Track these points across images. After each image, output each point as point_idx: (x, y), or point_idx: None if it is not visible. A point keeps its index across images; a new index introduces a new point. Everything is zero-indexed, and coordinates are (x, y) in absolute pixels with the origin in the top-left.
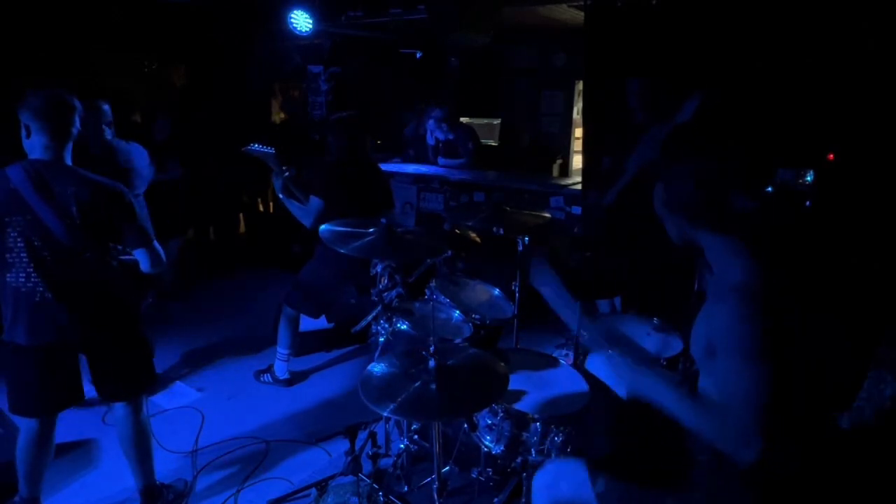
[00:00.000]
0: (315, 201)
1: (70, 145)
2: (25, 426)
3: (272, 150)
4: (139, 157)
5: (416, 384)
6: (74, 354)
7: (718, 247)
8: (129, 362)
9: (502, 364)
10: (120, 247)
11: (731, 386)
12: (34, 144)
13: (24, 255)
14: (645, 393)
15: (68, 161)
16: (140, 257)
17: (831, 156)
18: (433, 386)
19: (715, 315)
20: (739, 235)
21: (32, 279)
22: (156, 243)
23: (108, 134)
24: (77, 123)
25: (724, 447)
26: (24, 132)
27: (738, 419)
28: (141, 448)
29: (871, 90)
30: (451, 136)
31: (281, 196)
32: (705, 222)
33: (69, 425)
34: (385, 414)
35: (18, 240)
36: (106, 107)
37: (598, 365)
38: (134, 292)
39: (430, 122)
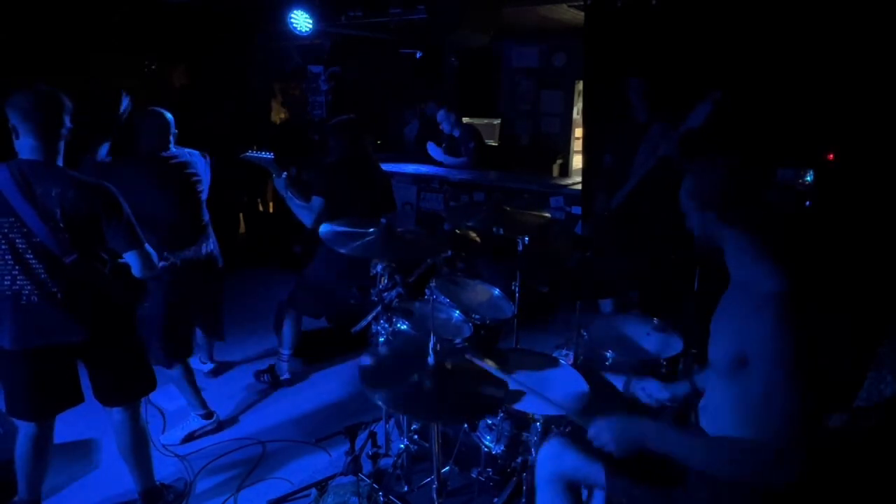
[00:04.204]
0: (317, 200)
1: (61, 145)
2: (23, 429)
3: (271, 156)
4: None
5: (415, 379)
6: (70, 358)
7: (745, 249)
8: (125, 367)
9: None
10: (106, 253)
11: (775, 402)
12: (22, 145)
13: (9, 257)
14: (673, 452)
15: (59, 162)
16: (130, 260)
17: (831, 156)
18: (433, 386)
19: (749, 325)
20: (767, 236)
21: (18, 282)
22: (147, 246)
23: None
24: (67, 123)
25: (764, 478)
26: (12, 133)
27: (781, 439)
28: (139, 452)
29: (872, 90)
30: (456, 132)
31: (283, 193)
32: (735, 219)
33: (69, 425)
34: (381, 404)
35: (2, 242)
36: (169, 115)
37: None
38: (128, 296)
39: (440, 113)
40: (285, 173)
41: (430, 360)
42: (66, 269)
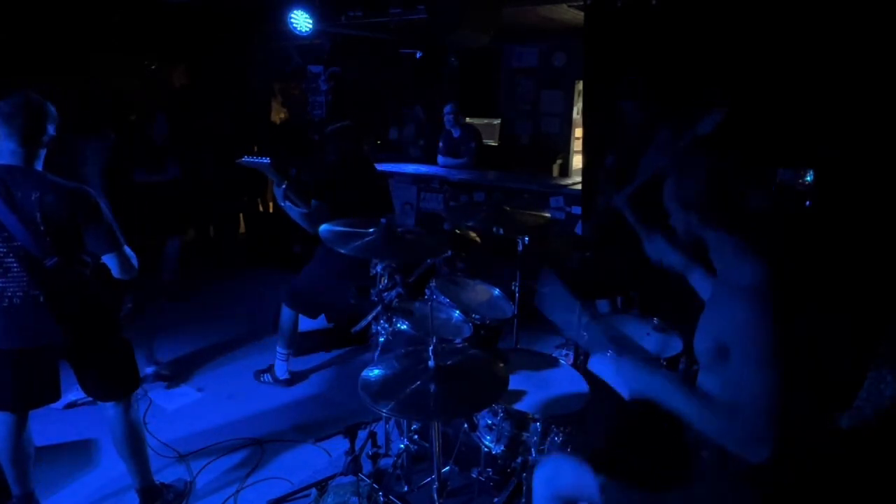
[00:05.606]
0: (318, 205)
1: (42, 151)
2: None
3: (267, 161)
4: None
5: (416, 384)
6: (53, 358)
7: (726, 246)
8: (110, 367)
9: (501, 365)
10: (88, 255)
11: (745, 387)
12: (3, 149)
13: None
14: (652, 393)
15: (38, 167)
16: (109, 263)
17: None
18: (433, 386)
19: (727, 316)
20: (748, 235)
21: None
22: (126, 248)
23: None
24: (50, 129)
25: (733, 447)
26: None
27: (752, 420)
28: (134, 448)
29: (872, 89)
30: (456, 132)
31: (283, 204)
32: (716, 220)
33: (69, 425)
34: (384, 413)
35: None
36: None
37: (601, 365)
38: (110, 297)
39: (448, 106)
40: (285, 184)
41: (431, 362)
42: (48, 272)
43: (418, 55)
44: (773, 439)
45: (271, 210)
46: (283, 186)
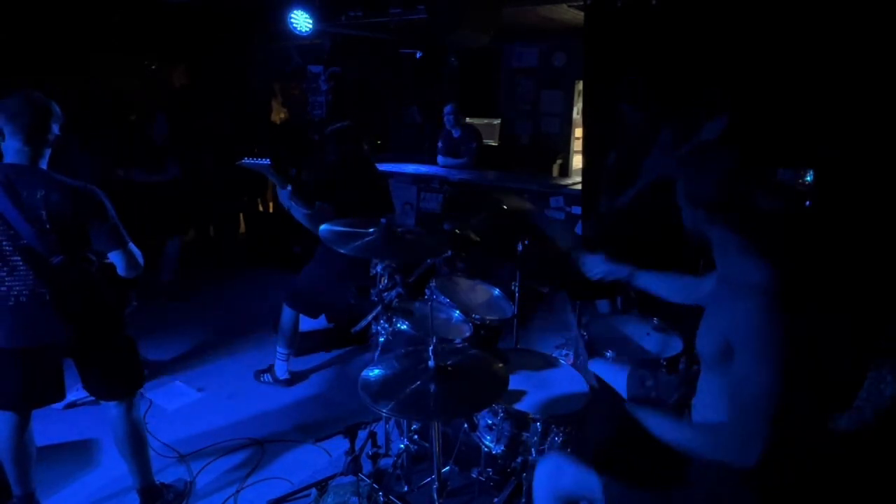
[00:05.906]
0: (322, 206)
1: (47, 150)
2: (1, 417)
3: (267, 162)
4: None
5: (416, 384)
6: (58, 356)
7: (730, 244)
8: (114, 365)
9: (501, 365)
10: (93, 253)
11: (746, 387)
12: (8, 147)
13: None
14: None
15: (43, 166)
16: (115, 260)
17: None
18: (433, 386)
19: (728, 314)
20: (752, 234)
21: (6, 284)
22: (131, 245)
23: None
24: (55, 128)
25: (724, 457)
26: None
27: (745, 422)
28: (135, 447)
29: (873, 89)
30: (456, 133)
31: (287, 204)
32: (722, 218)
33: (69, 425)
34: (384, 413)
35: None
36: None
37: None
38: (115, 296)
39: (448, 106)
40: (290, 187)
41: (431, 362)
42: (53, 270)
43: (418, 55)
44: (763, 440)
45: (271, 210)
46: (288, 189)
